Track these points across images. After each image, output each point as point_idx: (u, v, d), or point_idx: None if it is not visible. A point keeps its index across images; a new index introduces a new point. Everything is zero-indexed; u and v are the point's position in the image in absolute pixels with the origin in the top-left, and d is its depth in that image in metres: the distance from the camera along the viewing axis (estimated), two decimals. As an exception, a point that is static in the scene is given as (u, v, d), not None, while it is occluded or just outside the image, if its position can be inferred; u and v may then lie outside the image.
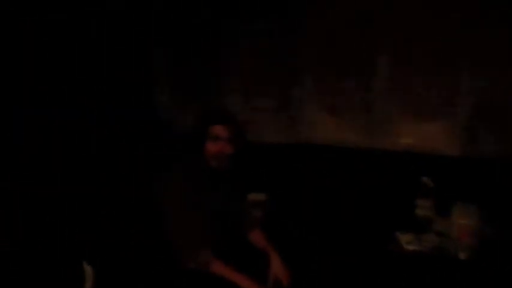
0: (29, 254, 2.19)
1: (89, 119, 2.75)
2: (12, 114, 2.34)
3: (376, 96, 2.93)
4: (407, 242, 2.49)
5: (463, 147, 2.79)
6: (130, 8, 3.05)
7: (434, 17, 2.77)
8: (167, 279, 2.05)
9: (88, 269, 2.17)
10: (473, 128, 2.77)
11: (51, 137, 2.54)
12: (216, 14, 3.14)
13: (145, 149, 3.01)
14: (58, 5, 2.54)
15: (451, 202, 2.48)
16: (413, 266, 2.34)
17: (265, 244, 2.24)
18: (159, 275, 2.09)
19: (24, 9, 2.38)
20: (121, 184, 2.70)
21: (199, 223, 2.02)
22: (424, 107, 2.86)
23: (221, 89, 3.19)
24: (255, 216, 2.61)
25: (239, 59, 3.14)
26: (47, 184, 2.44)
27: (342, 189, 2.95)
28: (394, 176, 2.85)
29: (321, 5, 2.98)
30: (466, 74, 2.75)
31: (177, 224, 2.02)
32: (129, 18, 3.05)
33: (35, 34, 2.46)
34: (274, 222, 2.79)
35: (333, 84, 3.00)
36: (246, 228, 2.31)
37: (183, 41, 3.20)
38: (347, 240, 2.71)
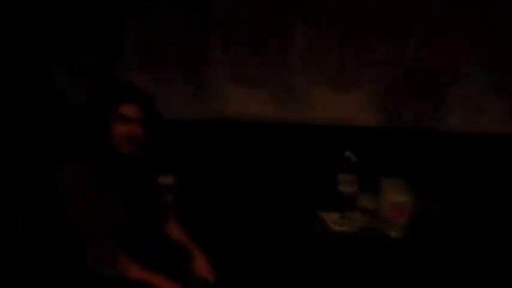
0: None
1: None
2: None
3: (292, 66, 2.70)
4: (333, 221, 2.34)
5: (384, 118, 2.67)
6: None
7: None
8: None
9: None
10: (393, 98, 2.66)
11: None
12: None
13: (39, 130, 2.52)
14: None
15: (375, 177, 2.37)
16: (342, 248, 2.20)
17: (185, 239, 2.00)
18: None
19: None
20: (12, 176, 2.23)
21: (111, 225, 1.67)
22: (342, 77, 2.68)
23: (120, 59, 2.75)
24: (168, 205, 2.30)
25: (143, 28, 2.72)
26: None
27: (258, 167, 2.72)
28: (314, 151, 2.67)
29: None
30: (382, 42, 2.61)
31: (86, 228, 1.66)
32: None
33: None
34: (185, 208, 2.49)
35: (245, 56, 2.71)
36: (161, 220, 1.99)
37: (82, 9, 2.70)
38: (268, 222, 2.51)
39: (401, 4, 2.56)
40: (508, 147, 2.52)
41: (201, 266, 1.90)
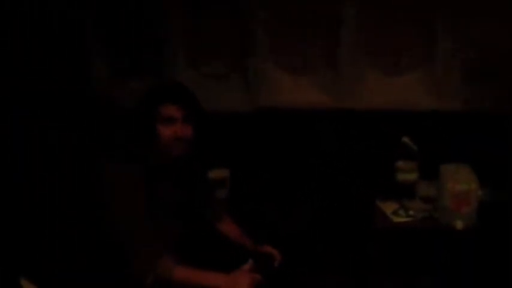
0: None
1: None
2: None
3: (342, 52, 2.58)
4: (393, 212, 2.24)
5: (443, 102, 2.52)
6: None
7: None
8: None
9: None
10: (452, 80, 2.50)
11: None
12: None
13: (79, 134, 2.55)
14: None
15: (437, 163, 2.23)
16: (404, 240, 2.11)
17: (239, 235, 1.97)
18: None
19: None
20: (54, 179, 2.27)
21: (158, 228, 1.65)
22: (395, 60, 2.55)
23: (165, 57, 2.73)
24: (220, 201, 2.27)
25: (184, 21, 2.69)
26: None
27: (312, 157, 2.64)
28: (370, 139, 2.56)
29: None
30: (441, 23, 2.46)
31: (131, 232, 1.63)
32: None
33: None
34: (240, 202, 2.47)
35: (292, 42, 2.62)
36: (213, 219, 1.97)
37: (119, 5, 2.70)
38: (324, 215, 2.45)
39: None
40: None
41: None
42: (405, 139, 2.37)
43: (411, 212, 2.19)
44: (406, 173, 2.37)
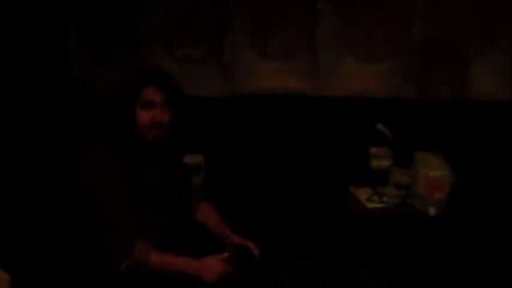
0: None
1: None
2: None
3: (320, 38, 2.58)
4: (367, 198, 2.28)
5: (418, 90, 2.56)
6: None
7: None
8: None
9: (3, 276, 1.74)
10: (427, 69, 2.53)
11: None
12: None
13: (57, 118, 2.49)
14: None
15: (411, 151, 2.27)
16: (377, 226, 2.14)
17: (217, 220, 1.96)
18: (87, 279, 1.69)
19: None
20: (32, 165, 2.21)
21: (140, 215, 1.63)
22: (372, 47, 2.57)
23: (141, 40, 2.69)
24: (197, 186, 2.26)
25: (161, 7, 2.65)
26: None
27: (288, 143, 2.65)
28: (345, 125, 2.58)
29: None
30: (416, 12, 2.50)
31: (110, 216, 1.62)
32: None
33: None
34: (215, 188, 2.46)
35: (270, 28, 2.61)
36: (193, 207, 1.96)
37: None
38: (299, 200, 2.47)
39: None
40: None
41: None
42: (379, 126, 2.40)
43: (385, 198, 2.23)
44: (380, 159, 2.41)
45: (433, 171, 2.06)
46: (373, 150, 2.44)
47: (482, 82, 2.50)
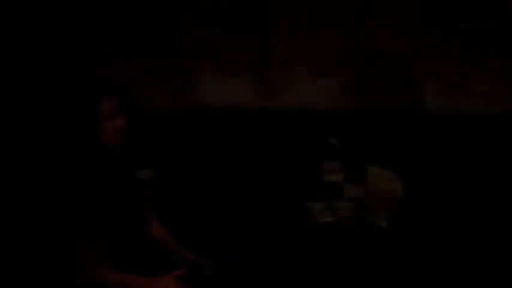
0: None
1: None
2: None
3: (271, 53, 2.59)
4: (320, 212, 2.26)
5: (364, 103, 2.58)
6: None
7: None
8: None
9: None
10: (371, 81, 2.58)
11: None
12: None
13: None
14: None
15: (363, 165, 2.28)
16: (330, 240, 2.12)
17: (165, 235, 1.91)
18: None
19: None
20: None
21: (94, 230, 1.57)
22: (319, 62, 2.59)
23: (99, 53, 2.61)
24: (148, 201, 2.17)
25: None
26: None
27: (241, 157, 2.61)
28: (299, 140, 2.57)
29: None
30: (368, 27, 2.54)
31: (75, 232, 1.57)
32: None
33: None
34: (164, 203, 2.38)
35: (221, 41, 2.60)
36: (145, 220, 1.88)
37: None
38: (254, 215, 2.42)
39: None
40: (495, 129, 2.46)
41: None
42: (332, 140, 2.41)
43: (337, 212, 2.22)
44: (332, 174, 2.41)
45: (385, 185, 2.07)
46: (325, 164, 2.44)
47: (433, 96, 2.55)
